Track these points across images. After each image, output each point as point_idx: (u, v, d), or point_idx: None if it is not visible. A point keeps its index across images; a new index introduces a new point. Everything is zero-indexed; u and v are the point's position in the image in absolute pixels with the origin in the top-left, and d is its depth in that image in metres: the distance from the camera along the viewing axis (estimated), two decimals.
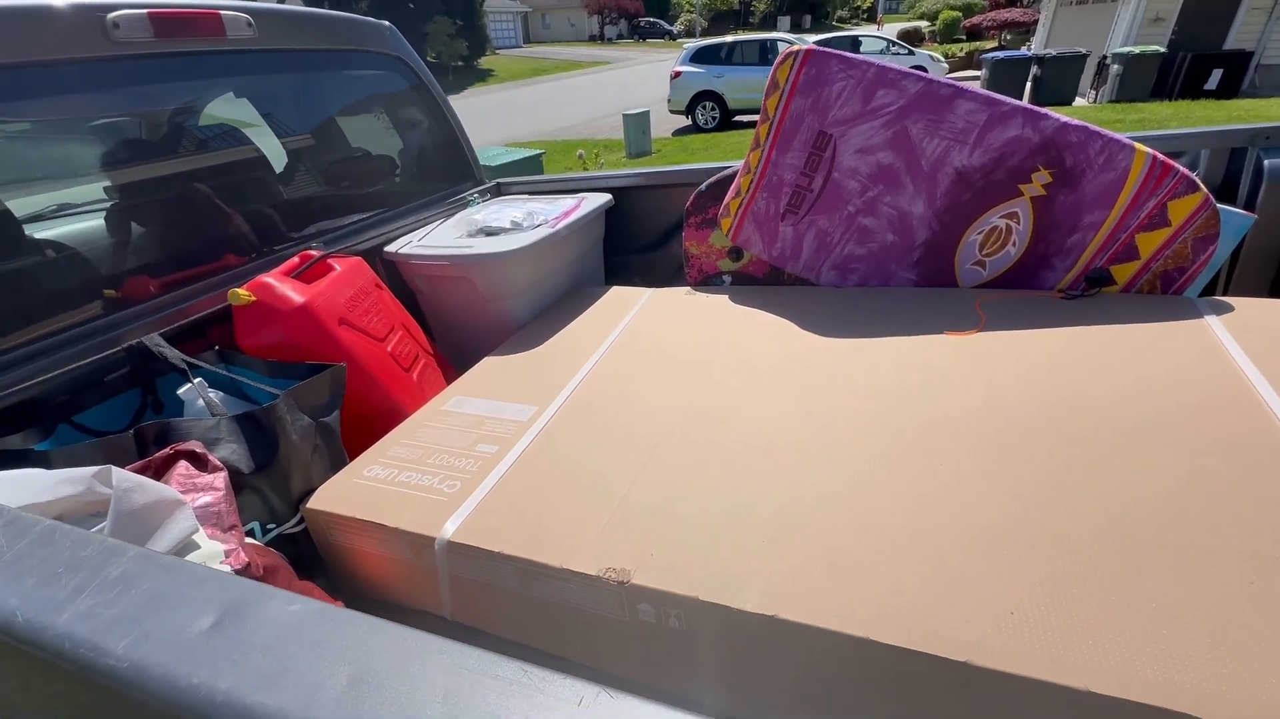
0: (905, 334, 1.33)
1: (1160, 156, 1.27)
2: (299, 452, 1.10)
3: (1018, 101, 1.35)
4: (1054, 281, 1.45)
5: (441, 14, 26.17)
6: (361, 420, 1.35)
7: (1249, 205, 1.51)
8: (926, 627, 0.69)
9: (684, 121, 12.45)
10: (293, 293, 1.28)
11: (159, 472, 0.91)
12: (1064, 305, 1.36)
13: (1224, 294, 1.58)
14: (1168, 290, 1.36)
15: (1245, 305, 1.25)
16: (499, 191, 2.28)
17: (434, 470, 1.11)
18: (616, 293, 1.81)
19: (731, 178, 1.70)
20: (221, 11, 1.37)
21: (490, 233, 1.74)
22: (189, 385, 1.17)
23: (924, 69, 13.68)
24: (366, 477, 1.11)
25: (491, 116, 15.97)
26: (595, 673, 0.92)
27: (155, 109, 1.44)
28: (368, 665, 0.40)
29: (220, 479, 0.90)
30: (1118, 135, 1.31)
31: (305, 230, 1.66)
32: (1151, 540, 0.75)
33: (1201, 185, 1.27)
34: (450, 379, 1.54)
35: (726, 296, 1.66)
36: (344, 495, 1.07)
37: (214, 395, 1.19)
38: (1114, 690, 0.59)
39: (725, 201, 1.68)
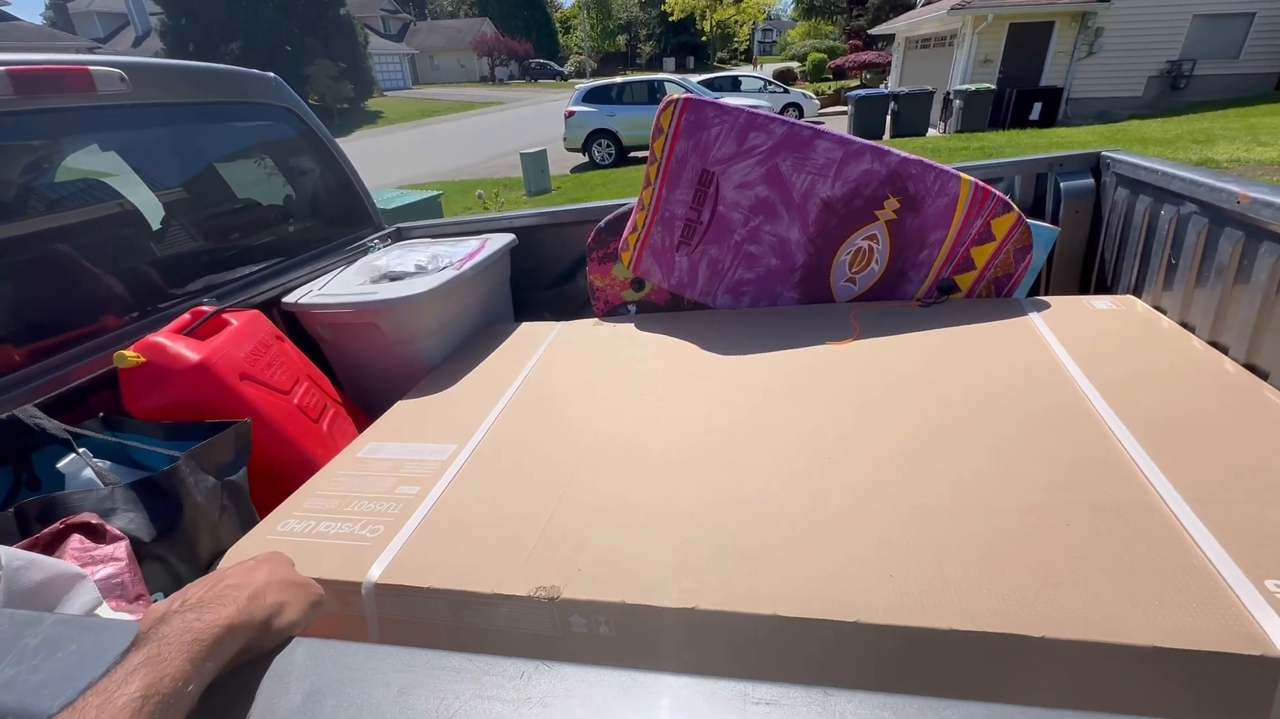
0: (793, 347, 1.48)
1: (980, 183, 1.52)
2: (206, 514, 1.06)
3: (865, 140, 1.56)
4: (912, 292, 1.66)
5: (323, 56, 25.40)
6: (272, 476, 1.31)
7: (1054, 220, 1.82)
8: (823, 596, 0.79)
9: (581, 159, 12.76)
10: (187, 350, 1.23)
11: (49, 549, 0.86)
12: (922, 312, 1.56)
13: (1045, 294, 1.87)
14: (1000, 293, 1.61)
15: (1058, 302, 1.50)
16: (399, 236, 2.28)
17: (354, 518, 1.10)
18: (527, 328, 1.86)
19: (628, 214, 1.81)
20: (91, 68, 1.33)
21: (394, 278, 1.74)
22: (72, 457, 1.10)
23: (799, 106, 14.88)
24: (281, 532, 1.09)
25: (383, 159, 15.58)
26: None
27: (21, 167, 1.35)
28: (319, 681, 0.43)
29: (121, 549, 0.86)
30: (946, 166, 1.54)
31: (194, 285, 1.59)
32: (991, 503, 0.90)
33: (1014, 206, 1.53)
34: (362, 427, 1.52)
35: (633, 325, 1.76)
36: (256, 554, 1.04)
37: (101, 465, 1.12)
38: (967, 625, 0.71)
39: (624, 236, 1.80)
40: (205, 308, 1.41)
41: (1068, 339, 1.32)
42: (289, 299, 1.70)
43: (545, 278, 2.26)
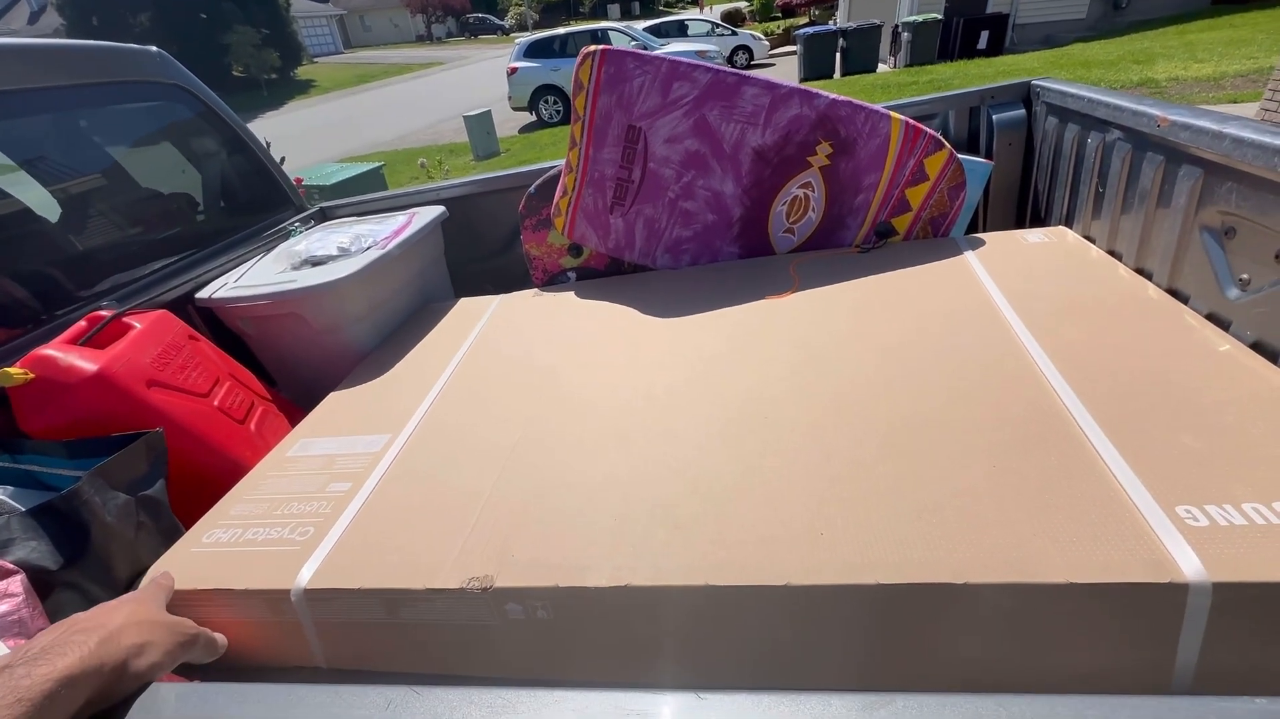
0: (733, 304, 1.45)
1: (911, 121, 1.48)
2: (118, 534, 1.00)
3: (793, 84, 1.50)
4: (851, 238, 1.64)
5: (242, 23, 23.70)
6: (198, 485, 1.25)
7: (989, 153, 1.80)
8: (754, 562, 0.78)
9: (529, 118, 12.31)
10: (81, 361, 1.15)
11: None
12: (861, 259, 1.55)
13: (983, 228, 1.87)
14: (937, 233, 1.60)
15: (992, 238, 1.50)
16: (325, 216, 2.16)
17: (283, 521, 1.06)
18: (465, 304, 1.80)
19: (558, 177, 1.74)
20: None
21: (316, 262, 1.65)
22: None
23: (749, 48, 14.51)
24: (206, 543, 1.04)
25: (320, 131, 14.81)
26: (473, 682, 0.94)
27: None
28: None
29: (17, 583, 0.81)
30: (876, 106, 1.50)
31: (93, 288, 1.48)
32: (920, 450, 0.90)
33: (946, 143, 1.50)
34: (297, 422, 1.46)
35: (572, 293, 1.71)
36: (182, 568, 1.00)
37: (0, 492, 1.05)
38: (893, 578, 0.71)
39: (555, 201, 1.72)
40: (103, 312, 1.31)
41: (1000, 276, 1.31)
42: (203, 294, 1.59)
43: (483, 249, 2.18)
